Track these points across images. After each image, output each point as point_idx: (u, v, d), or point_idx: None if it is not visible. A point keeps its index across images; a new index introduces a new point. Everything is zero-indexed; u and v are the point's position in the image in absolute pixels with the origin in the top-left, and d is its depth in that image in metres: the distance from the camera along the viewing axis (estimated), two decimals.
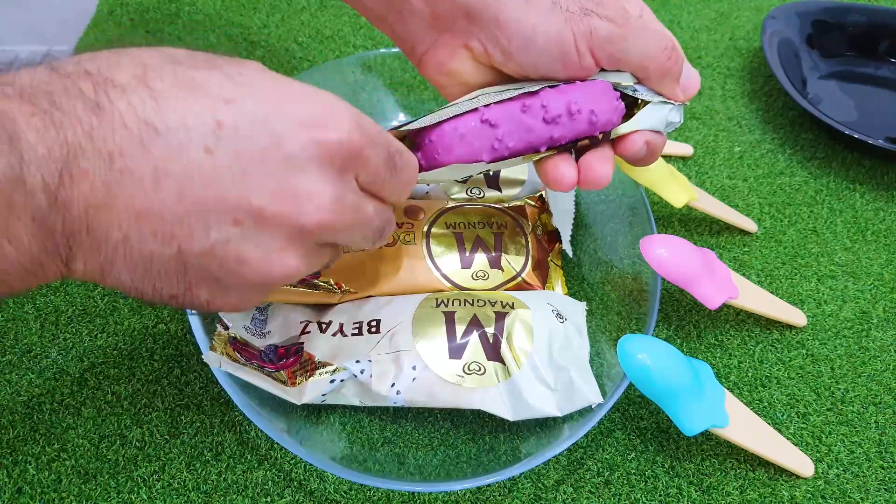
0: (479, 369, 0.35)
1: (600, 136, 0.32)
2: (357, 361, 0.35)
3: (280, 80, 0.24)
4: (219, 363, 0.34)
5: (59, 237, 0.21)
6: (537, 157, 0.31)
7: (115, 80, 0.21)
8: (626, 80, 0.32)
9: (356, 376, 0.35)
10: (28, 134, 0.20)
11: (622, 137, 0.32)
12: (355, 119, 0.24)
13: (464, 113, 0.30)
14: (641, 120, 0.32)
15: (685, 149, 0.51)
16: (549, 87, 0.31)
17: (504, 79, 0.32)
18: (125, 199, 0.21)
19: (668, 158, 0.51)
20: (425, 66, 0.33)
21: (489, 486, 0.35)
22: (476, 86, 0.32)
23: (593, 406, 0.35)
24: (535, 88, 0.30)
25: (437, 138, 0.29)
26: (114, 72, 0.22)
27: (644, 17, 0.32)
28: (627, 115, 0.32)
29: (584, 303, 0.40)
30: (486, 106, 0.30)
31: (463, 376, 0.35)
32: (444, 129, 0.29)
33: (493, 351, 0.36)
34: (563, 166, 0.32)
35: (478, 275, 0.40)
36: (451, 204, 0.43)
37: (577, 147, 0.32)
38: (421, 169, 0.30)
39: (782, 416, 0.38)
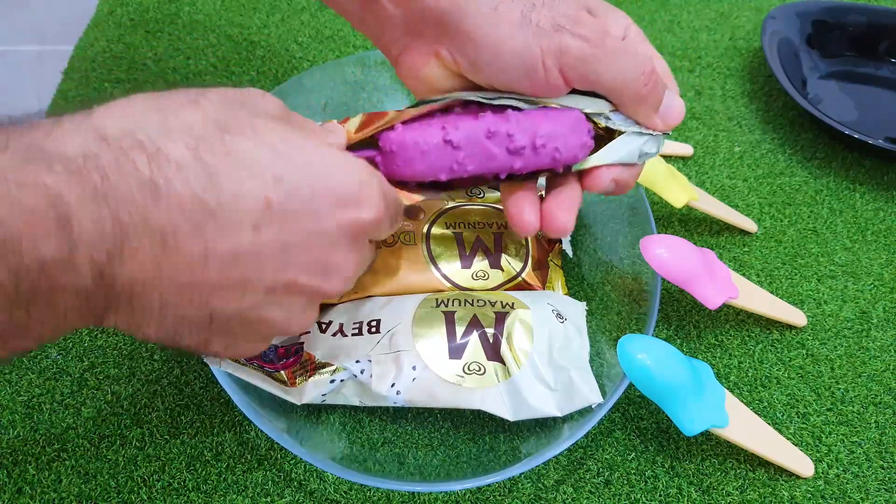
0: (479, 369, 0.35)
1: (562, 170, 0.31)
2: (357, 361, 0.35)
3: (317, 146, 0.25)
4: (219, 363, 0.34)
5: (98, 308, 0.22)
6: (496, 182, 0.31)
7: (170, 155, 0.21)
8: (600, 107, 0.31)
9: (356, 376, 0.35)
10: (81, 215, 0.20)
11: (589, 171, 0.31)
12: (383, 193, 0.26)
13: (429, 121, 0.29)
14: (610, 153, 0.31)
15: (685, 149, 0.51)
16: (518, 109, 0.30)
17: (475, 87, 0.31)
18: (172, 274, 0.22)
19: (668, 158, 0.51)
20: (400, 69, 0.33)
21: (489, 486, 0.35)
22: (447, 91, 0.32)
23: (593, 406, 0.35)
24: (505, 103, 0.30)
25: (399, 150, 0.29)
26: (166, 143, 0.21)
27: (628, 38, 0.31)
28: (599, 146, 0.31)
29: (584, 303, 0.40)
30: (453, 124, 0.29)
31: (463, 376, 0.35)
32: (406, 142, 0.29)
33: (493, 351, 0.36)
34: (527, 209, 0.31)
35: (478, 275, 0.40)
36: (451, 204, 0.43)
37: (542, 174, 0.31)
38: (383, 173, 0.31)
39: (782, 416, 0.38)
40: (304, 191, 0.23)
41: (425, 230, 0.41)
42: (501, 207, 0.43)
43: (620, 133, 0.31)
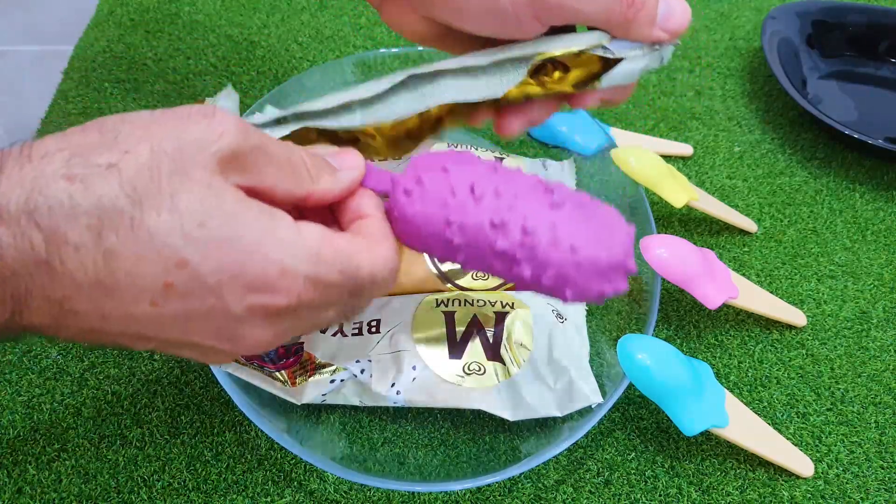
0: (479, 369, 0.35)
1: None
2: (357, 361, 0.35)
3: (250, 219, 0.22)
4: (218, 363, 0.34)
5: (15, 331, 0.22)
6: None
7: (68, 237, 0.21)
8: (597, 39, 0.29)
9: (356, 376, 0.35)
10: None
11: (578, 95, 0.30)
12: (312, 276, 0.23)
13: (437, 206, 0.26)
14: (608, 81, 0.29)
15: (685, 149, 0.51)
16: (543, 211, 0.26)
17: (458, 36, 0.31)
18: (73, 324, 0.22)
19: (667, 158, 0.51)
20: (383, 16, 0.33)
21: (489, 486, 0.35)
22: (431, 38, 0.32)
23: (593, 406, 0.35)
24: (503, 81, 0.28)
25: (402, 220, 0.26)
26: (67, 223, 0.20)
27: None
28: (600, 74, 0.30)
29: (584, 303, 0.40)
30: (457, 219, 0.25)
31: (463, 376, 0.35)
32: (411, 222, 0.26)
33: (492, 351, 0.36)
34: None
35: (478, 275, 0.40)
36: None
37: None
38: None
39: (782, 416, 0.38)
40: (209, 278, 0.21)
41: None
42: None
43: (619, 61, 0.29)
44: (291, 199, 0.24)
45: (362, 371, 0.35)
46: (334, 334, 0.36)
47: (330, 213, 0.27)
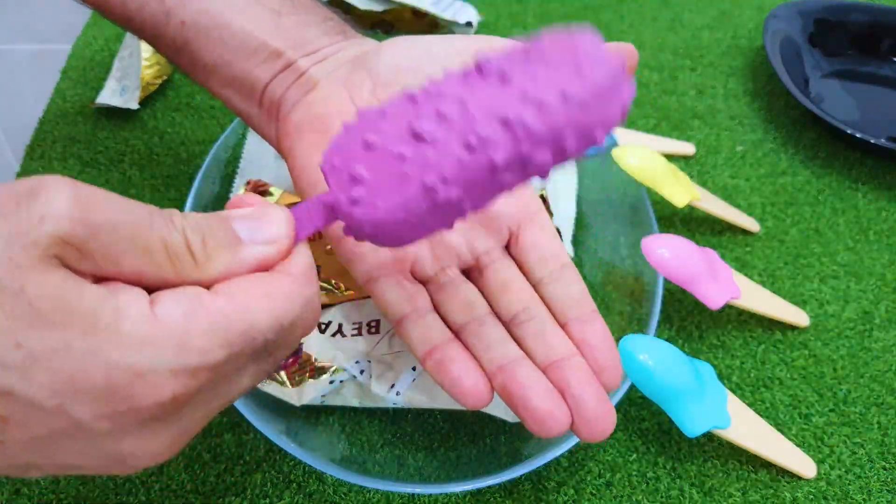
0: None
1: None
2: (356, 362, 0.35)
3: (78, 326, 0.18)
4: None
5: None
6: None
7: None
8: None
9: (355, 377, 0.35)
10: None
11: None
12: (182, 367, 0.19)
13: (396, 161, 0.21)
14: None
15: (687, 148, 0.51)
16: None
17: None
18: None
19: (669, 158, 0.51)
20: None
21: (489, 488, 0.35)
22: None
23: None
24: None
25: (377, 232, 0.22)
26: None
27: None
28: None
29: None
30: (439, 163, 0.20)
31: None
32: (387, 222, 0.21)
33: None
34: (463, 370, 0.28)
35: None
36: None
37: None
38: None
39: (784, 416, 0.38)
40: (45, 403, 0.18)
41: None
42: None
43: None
44: (166, 285, 0.20)
45: (362, 372, 0.35)
46: (333, 335, 0.36)
47: None
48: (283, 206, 0.22)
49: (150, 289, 0.19)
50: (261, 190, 0.40)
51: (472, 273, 0.31)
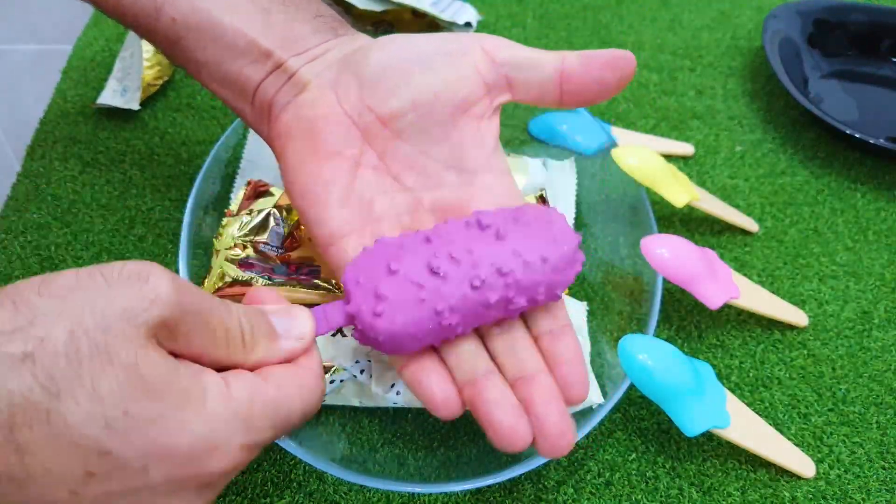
0: None
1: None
2: (357, 362, 0.35)
3: (173, 400, 0.21)
4: None
5: None
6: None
7: None
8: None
9: (356, 377, 0.35)
10: None
11: None
12: (246, 443, 0.22)
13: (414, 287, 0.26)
14: None
15: (686, 148, 0.51)
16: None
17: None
18: None
19: (669, 158, 0.51)
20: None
21: (489, 487, 0.35)
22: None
23: (594, 406, 0.35)
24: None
25: (388, 341, 0.26)
26: None
27: None
28: None
29: (585, 303, 0.40)
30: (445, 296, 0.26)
31: None
32: (401, 334, 0.26)
33: None
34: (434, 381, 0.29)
35: None
36: None
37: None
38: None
39: (783, 416, 0.38)
40: (134, 463, 0.20)
41: None
42: None
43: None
44: (216, 366, 0.23)
45: (362, 371, 0.35)
46: (334, 335, 0.36)
47: None
48: (306, 308, 0.26)
49: (206, 366, 0.23)
50: (261, 190, 0.40)
51: None
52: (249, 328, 0.24)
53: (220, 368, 0.23)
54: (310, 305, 0.38)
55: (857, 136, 0.48)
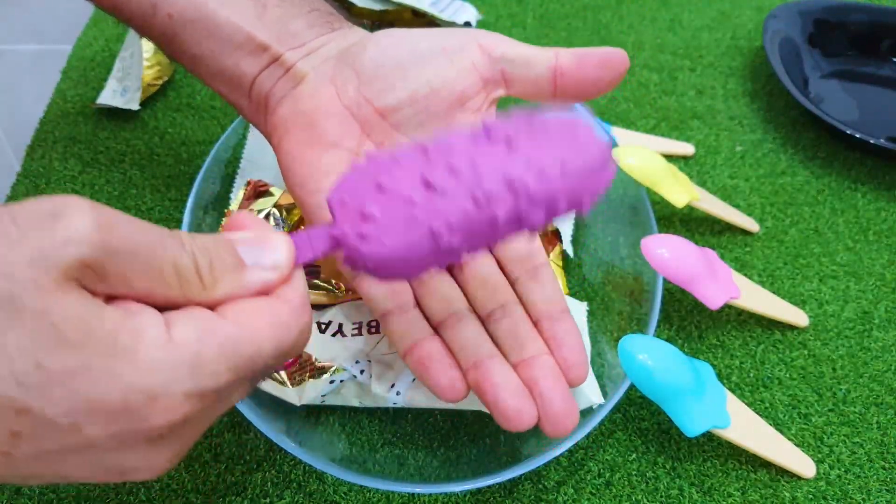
0: None
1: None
2: (357, 362, 0.35)
3: (98, 347, 0.18)
4: None
5: None
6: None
7: None
8: None
9: (356, 377, 0.35)
10: None
11: None
12: (194, 391, 0.19)
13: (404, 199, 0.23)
14: None
15: (686, 148, 0.51)
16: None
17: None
18: None
19: (669, 158, 0.51)
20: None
21: (489, 487, 0.35)
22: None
23: (594, 407, 0.34)
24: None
25: (379, 268, 0.23)
26: None
27: None
28: None
29: (585, 303, 0.39)
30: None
31: None
32: (391, 259, 0.23)
33: None
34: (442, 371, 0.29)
35: None
36: None
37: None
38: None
39: (784, 416, 0.38)
40: (60, 420, 0.18)
41: None
42: None
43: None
44: (172, 307, 0.20)
45: (362, 372, 0.35)
46: (334, 334, 0.36)
47: None
48: (285, 233, 0.23)
49: (157, 308, 0.20)
50: (261, 190, 0.40)
51: (453, 268, 0.32)
52: (207, 262, 0.21)
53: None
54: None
55: (857, 135, 0.48)
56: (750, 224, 0.46)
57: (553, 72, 0.30)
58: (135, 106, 0.50)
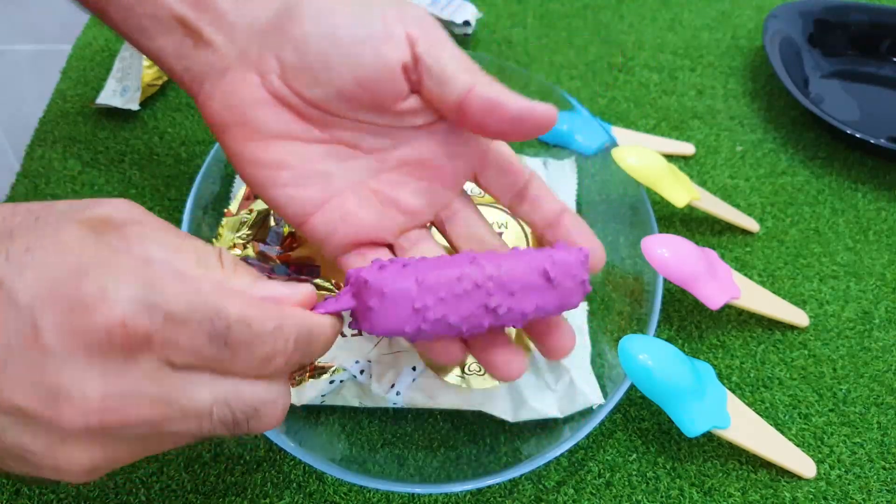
0: (480, 370, 0.35)
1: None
2: (357, 362, 0.35)
3: (81, 251, 0.20)
4: None
5: None
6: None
7: None
8: None
9: (356, 377, 0.35)
10: None
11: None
12: (142, 296, 0.20)
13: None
14: None
15: (687, 148, 0.51)
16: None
17: (315, 118, 0.29)
18: None
19: (669, 158, 0.51)
20: (208, 112, 0.31)
21: (489, 487, 0.35)
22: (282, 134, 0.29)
23: (594, 407, 0.34)
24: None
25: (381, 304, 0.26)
26: None
27: None
28: None
29: (585, 303, 0.39)
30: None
31: (463, 377, 0.35)
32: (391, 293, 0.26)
33: None
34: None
35: None
36: None
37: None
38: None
39: (784, 416, 0.38)
40: (21, 296, 0.19)
41: None
42: (501, 207, 0.43)
43: None
44: None
45: (362, 372, 0.35)
46: None
47: None
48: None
49: None
50: None
51: (438, 226, 0.32)
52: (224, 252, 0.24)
53: None
54: None
55: (857, 135, 0.48)
56: (750, 224, 0.46)
57: (458, 105, 0.27)
58: (134, 106, 0.50)
